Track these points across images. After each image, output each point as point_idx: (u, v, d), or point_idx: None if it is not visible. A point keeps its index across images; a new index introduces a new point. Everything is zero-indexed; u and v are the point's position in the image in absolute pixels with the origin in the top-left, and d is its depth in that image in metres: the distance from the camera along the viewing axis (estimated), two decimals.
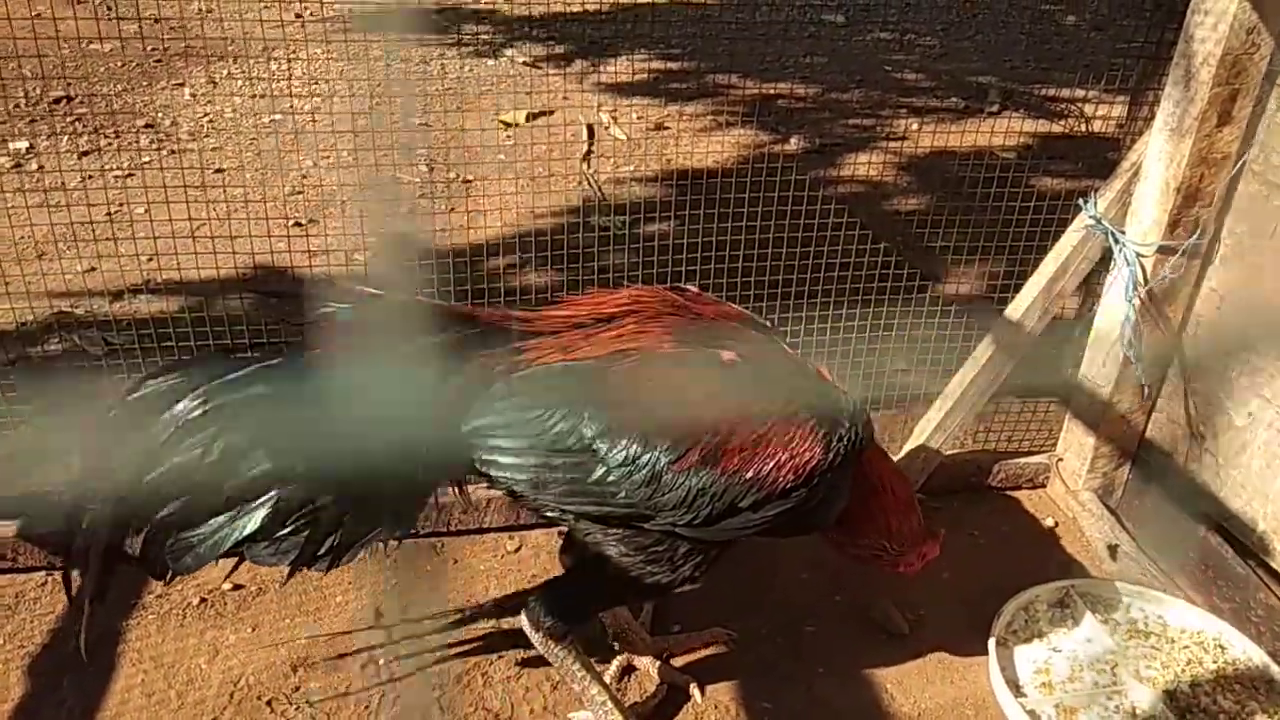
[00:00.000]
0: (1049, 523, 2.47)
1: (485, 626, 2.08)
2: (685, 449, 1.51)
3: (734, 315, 1.76)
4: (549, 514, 1.63)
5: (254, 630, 2.03)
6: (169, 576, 1.54)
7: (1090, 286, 2.39)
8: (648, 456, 1.51)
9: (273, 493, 1.51)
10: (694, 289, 1.81)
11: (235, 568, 1.59)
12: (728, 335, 1.67)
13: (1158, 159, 2.10)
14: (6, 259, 3.19)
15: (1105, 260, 2.28)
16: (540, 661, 1.98)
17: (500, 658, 2.00)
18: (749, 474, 1.51)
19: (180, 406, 1.50)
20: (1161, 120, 2.09)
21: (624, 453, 1.51)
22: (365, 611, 2.09)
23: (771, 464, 1.51)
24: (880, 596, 2.17)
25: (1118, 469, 2.42)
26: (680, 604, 2.15)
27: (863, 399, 1.80)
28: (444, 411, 1.56)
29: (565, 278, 3.10)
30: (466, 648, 2.03)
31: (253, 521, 1.51)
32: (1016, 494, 2.56)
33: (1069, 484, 2.47)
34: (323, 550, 1.54)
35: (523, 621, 1.72)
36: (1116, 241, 2.18)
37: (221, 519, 1.51)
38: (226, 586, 2.12)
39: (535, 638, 1.71)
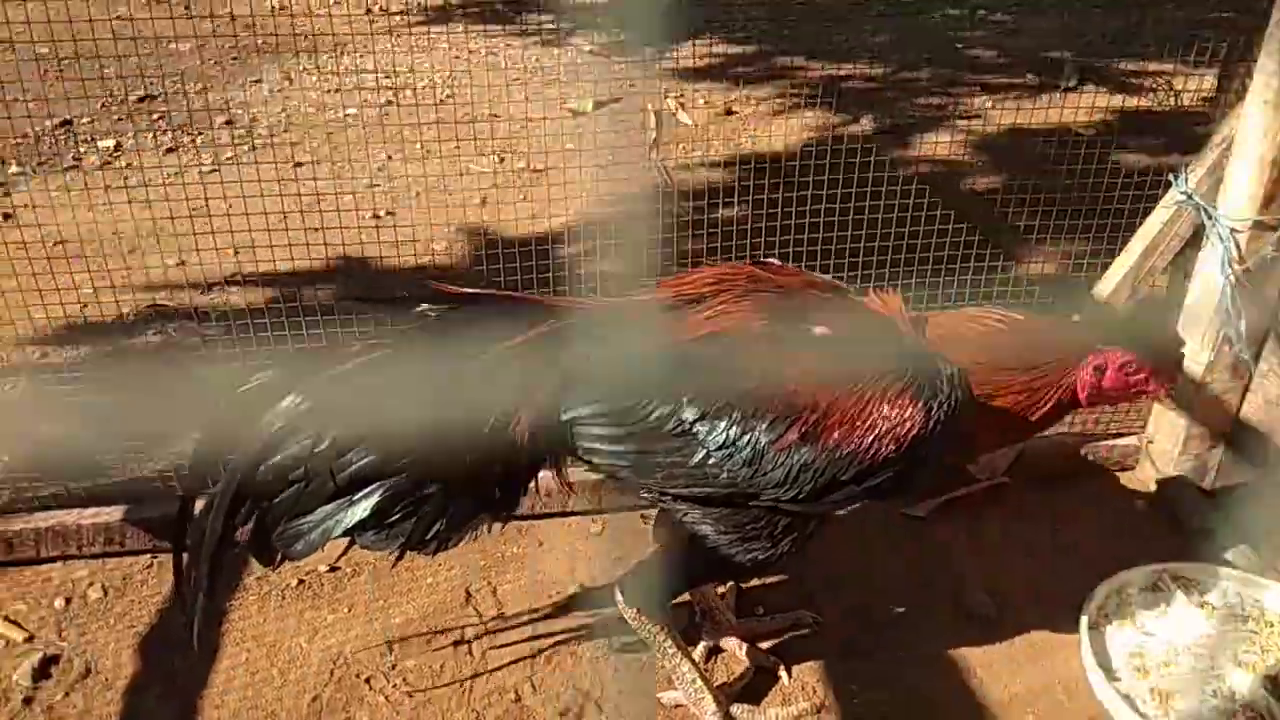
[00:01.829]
0: (1140, 505, 2.42)
1: (572, 608, 2.11)
2: (785, 427, 1.51)
3: (819, 284, 1.74)
4: (648, 495, 1.65)
5: (350, 611, 2.10)
6: (278, 562, 1.60)
7: (1179, 264, 2.33)
8: (748, 437, 1.52)
9: (381, 481, 1.55)
10: (777, 261, 1.80)
11: (345, 552, 1.64)
12: (816, 306, 1.66)
13: (1252, 132, 2.04)
14: (101, 254, 3.30)
15: (1195, 238, 2.22)
16: (627, 642, 2.01)
17: (588, 639, 2.03)
18: (850, 447, 1.51)
19: (291, 398, 1.54)
20: (1256, 93, 2.02)
21: (724, 435, 1.53)
22: (456, 592, 2.14)
23: (872, 436, 1.51)
24: (967, 579, 2.16)
25: (1211, 450, 2.36)
26: (764, 587, 2.16)
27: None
28: (543, 400, 1.59)
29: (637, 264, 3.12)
30: (554, 629, 2.06)
31: (362, 509, 1.55)
32: (1105, 477, 2.51)
33: (1160, 466, 2.43)
34: (430, 535, 1.58)
35: (616, 598, 1.74)
36: (1210, 217, 2.13)
37: (331, 506, 1.56)
38: (323, 568, 2.18)
39: (629, 614, 1.74)
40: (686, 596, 2.01)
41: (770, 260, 1.80)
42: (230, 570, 2.17)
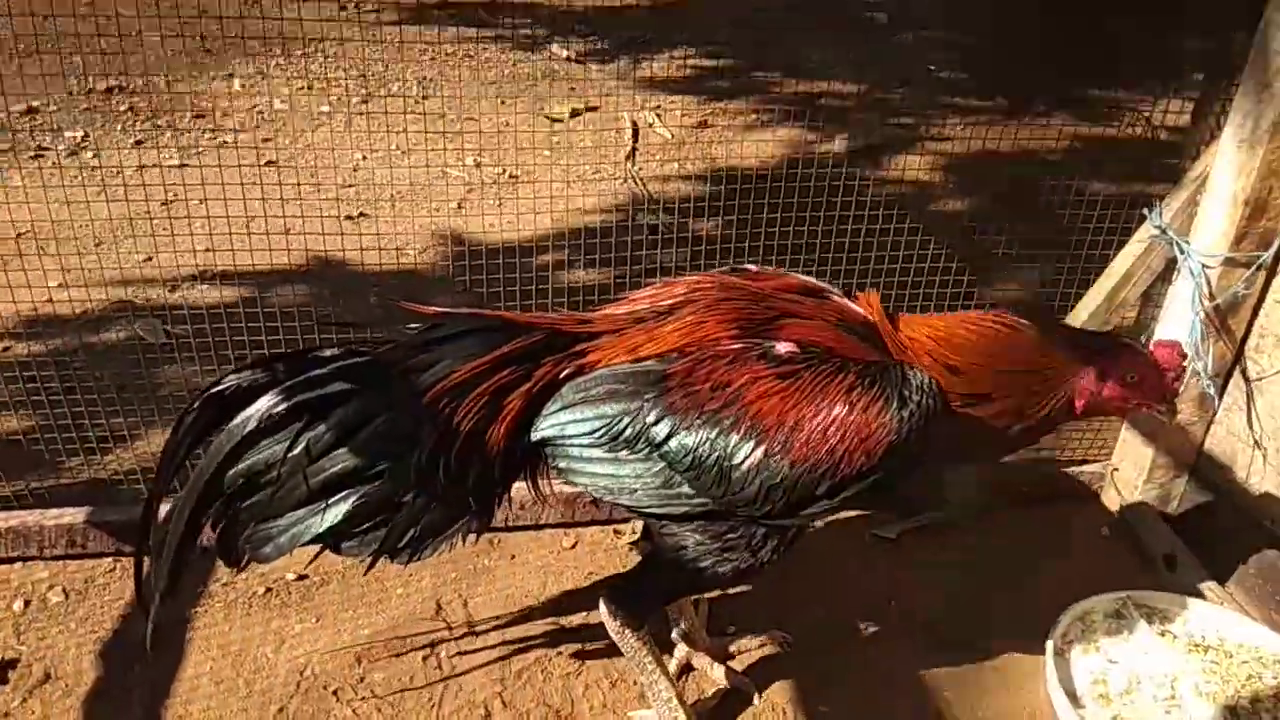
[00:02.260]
0: (1104, 532, 2.46)
1: (544, 622, 2.10)
2: (751, 446, 1.52)
3: (795, 285, 1.73)
4: (627, 511, 1.65)
5: (318, 620, 2.07)
6: (244, 564, 1.58)
7: (1149, 296, 2.38)
8: (714, 457, 1.53)
9: (355, 487, 1.54)
10: (754, 266, 1.80)
11: (314, 559, 1.62)
12: (789, 313, 1.66)
13: (1226, 170, 2.09)
14: (67, 248, 3.23)
15: (1167, 271, 2.27)
16: (598, 658, 2.00)
17: (559, 654, 2.02)
18: (819, 462, 1.52)
19: (264, 401, 1.52)
20: (1231, 130, 2.07)
21: (690, 456, 1.53)
22: (426, 604, 2.12)
23: (842, 450, 1.51)
24: (936, 604, 2.18)
25: (1175, 480, 2.41)
26: (734, 603, 2.17)
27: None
28: (514, 419, 1.59)
29: (613, 275, 3.11)
30: (525, 643, 2.05)
31: (334, 515, 1.54)
32: (1071, 503, 2.55)
33: (1124, 494, 2.47)
34: (403, 543, 1.57)
35: (601, 608, 1.74)
36: (1182, 252, 2.17)
37: (303, 511, 1.54)
38: (291, 576, 2.15)
39: (612, 625, 1.74)
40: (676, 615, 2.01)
41: (748, 266, 1.80)
42: (196, 576, 2.13)
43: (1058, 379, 1.62)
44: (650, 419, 1.55)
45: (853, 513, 2.45)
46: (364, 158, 4.12)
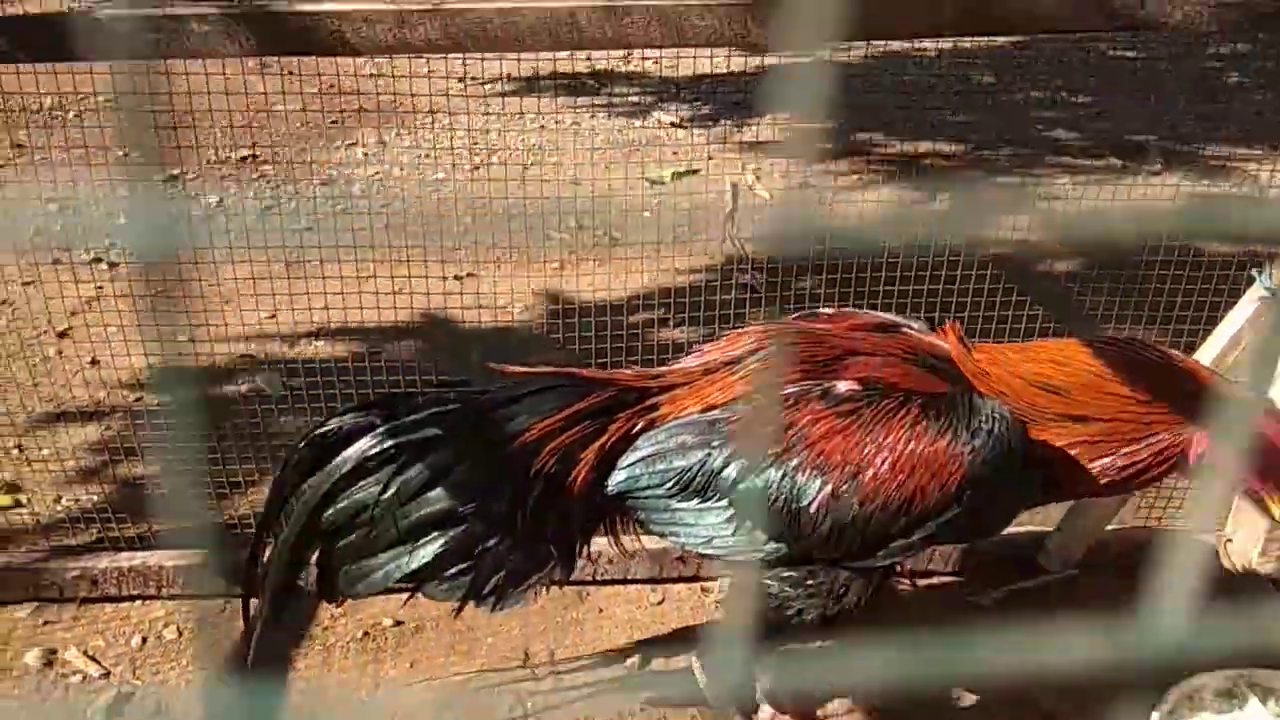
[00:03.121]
0: (1214, 604, 2.34)
1: (628, 676, 2.12)
2: (817, 488, 1.53)
3: (866, 323, 1.74)
4: (709, 560, 1.69)
5: (411, 666, 2.13)
6: (340, 600, 1.67)
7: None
8: (783, 500, 1.55)
9: (441, 531, 1.61)
10: (830, 310, 1.82)
11: (409, 599, 1.70)
12: (853, 351, 1.67)
13: None
14: (198, 306, 3.47)
15: None
16: (682, 708, 2.01)
17: (642, 709, 2.03)
18: (889, 499, 1.51)
19: (361, 444, 1.62)
20: None
21: (759, 500, 1.55)
22: (515, 653, 2.17)
23: (913, 485, 1.50)
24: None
25: None
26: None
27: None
28: (588, 473, 1.65)
29: (705, 333, 3.16)
30: (609, 695, 2.07)
31: (421, 557, 1.62)
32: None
33: (1237, 564, 2.35)
34: (488, 589, 1.63)
35: (694, 666, 1.76)
36: None
37: (394, 551, 1.62)
38: (388, 622, 2.23)
39: (701, 679, 1.75)
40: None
41: (823, 310, 1.82)
42: (296, 620, 2.22)
43: (1179, 418, 1.54)
44: (717, 466, 1.58)
45: (949, 577, 2.40)
46: (473, 220, 4.29)
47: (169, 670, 2.10)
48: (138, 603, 2.26)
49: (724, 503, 1.58)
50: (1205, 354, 2.24)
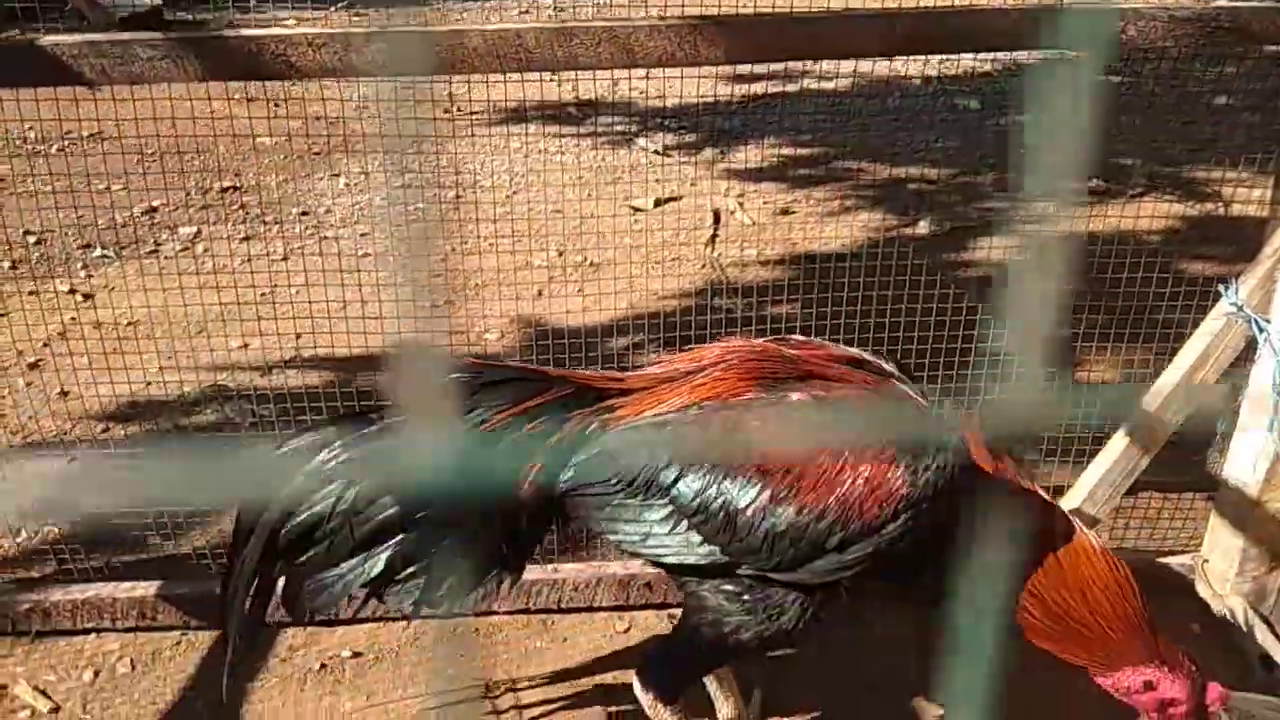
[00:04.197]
0: (1195, 629, 2.30)
1: (592, 708, 2.07)
2: (755, 491, 1.51)
3: (839, 356, 1.73)
4: (652, 565, 1.68)
5: (368, 699, 2.09)
6: (308, 618, 1.65)
7: (1236, 377, 2.26)
8: (720, 502, 1.54)
9: (395, 536, 1.61)
10: (799, 337, 1.82)
11: (368, 612, 1.67)
12: (818, 375, 1.66)
13: None
14: (172, 334, 3.45)
15: (1249, 350, 2.15)
16: None
17: None
18: (827, 511, 1.49)
19: (319, 458, 1.62)
20: None
21: (697, 500, 1.54)
22: (475, 685, 2.12)
23: (853, 499, 1.48)
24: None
25: (1270, 573, 2.24)
26: (789, 698, 2.09)
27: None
28: (542, 471, 1.64)
29: None
30: None
31: (378, 564, 1.62)
32: (1158, 597, 2.39)
33: (1216, 588, 2.31)
34: (441, 592, 1.62)
35: (634, 685, 1.73)
36: (1261, 330, 2.06)
37: (354, 561, 1.62)
38: (346, 653, 2.19)
39: (644, 700, 1.72)
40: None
41: (792, 336, 1.81)
42: (255, 653, 2.18)
43: (1125, 646, 1.64)
44: (662, 464, 1.57)
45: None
46: (453, 249, 4.28)
47: (120, 705, 2.06)
48: (91, 636, 2.22)
49: (664, 501, 1.57)
50: (1175, 369, 2.21)
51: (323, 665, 2.16)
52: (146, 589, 2.22)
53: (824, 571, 1.53)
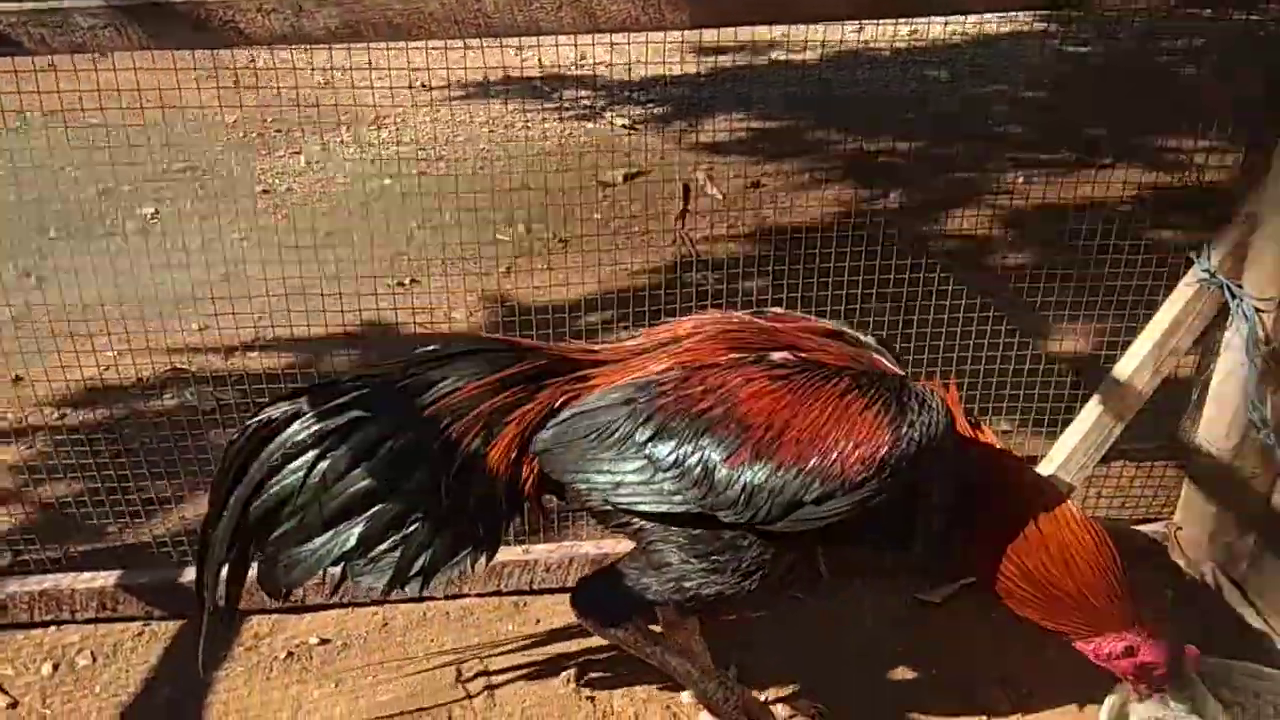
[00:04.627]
0: (1167, 595, 2.30)
1: (566, 692, 2.04)
2: (736, 444, 1.50)
3: (817, 329, 1.73)
4: (620, 522, 1.65)
5: (337, 687, 2.04)
6: (284, 595, 1.64)
7: (1209, 344, 2.25)
8: (698, 455, 1.52)
9: (366, 511, 1.58)
10: (777, 310, 1.80)
11: (337, 594, 1.63)
12: (794, 345, 1.65)
13: (1276, 208, 1.97)
14: (129, 317, 3.36)
15: (1221, 317, 2.14)
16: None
17: None
18: (807, 465, 1.48)
19: (289, 430, 1.59)
20: None
21: (676, 453, 1.53)
22: (447, 671, 2.08)
23: (834, 454, 1.47)
24: (980, 670, 2.05)
25: (1241, 539, 2.24)
26: (768, 670, 2.07)
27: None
28: (513, 441, 1.63)
29: None
30: (546, 712, 1.99)
31: (350, 539, 1.58)
32: (1132, 564, 2.38)
33: (1189, 554, 2.31)
34: (414, 570, 1.59)
35: (572, 607, 1.74)
36: (1233, 296, 2.05)
37: (325, 536, 1.59)
38: (313, 640, 2.14)
39: (588, 623, 1.74)
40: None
41: (770, 310, 1.79)
42: (220, 641, 2.13)
43: (1106, 612, 1.65)
44: (641, 418, 1.55)
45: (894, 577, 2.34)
46: (419, 226, 4.20)
47: (81, 698, 2.00)
48: (50, 628, 2.15)
49: (639, 453, 1.55)
50: (1147, 337, 2.20)
51: (290, 653, 2.12)
52: (106, 579, 2.16)
53: (802, 522, 1.51)
